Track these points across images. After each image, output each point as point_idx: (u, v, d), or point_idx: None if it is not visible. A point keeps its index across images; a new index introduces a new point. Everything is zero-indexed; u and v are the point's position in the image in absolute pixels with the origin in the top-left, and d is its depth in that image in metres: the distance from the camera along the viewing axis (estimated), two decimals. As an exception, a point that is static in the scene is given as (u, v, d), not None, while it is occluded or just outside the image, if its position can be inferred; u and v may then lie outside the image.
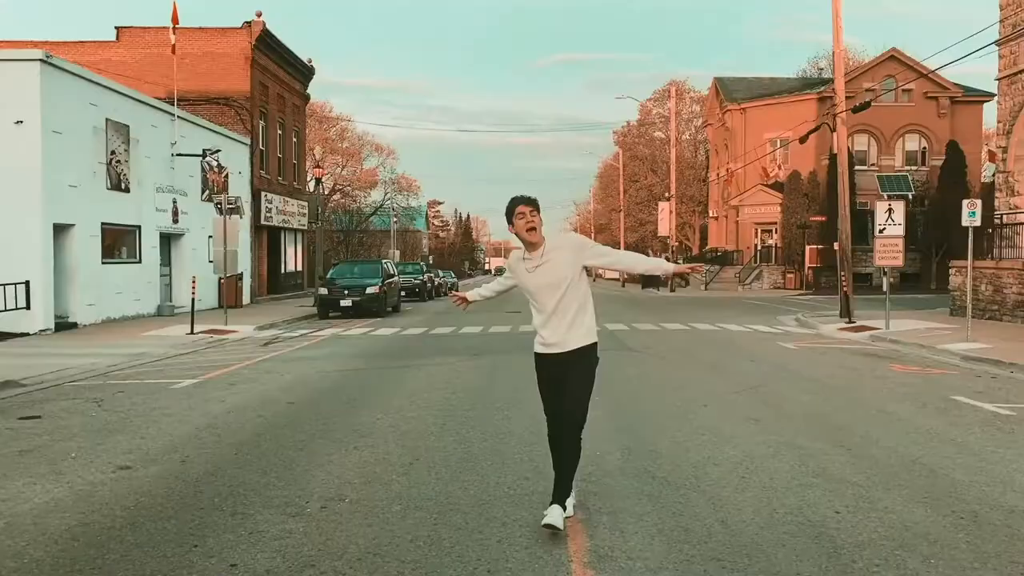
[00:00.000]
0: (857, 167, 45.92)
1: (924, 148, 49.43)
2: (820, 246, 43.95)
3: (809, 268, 45.60)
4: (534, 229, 4.66)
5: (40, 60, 18.33)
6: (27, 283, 18.18)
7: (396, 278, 29.26)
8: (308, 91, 41.57)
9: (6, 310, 17.61)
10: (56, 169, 18.91)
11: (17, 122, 18.15)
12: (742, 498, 5.28)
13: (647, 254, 73.92)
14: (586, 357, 4.70)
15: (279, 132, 36.56)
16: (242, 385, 10.63)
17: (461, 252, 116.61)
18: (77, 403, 9.44)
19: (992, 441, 7.01)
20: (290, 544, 4.50)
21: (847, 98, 43.71)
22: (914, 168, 48.83)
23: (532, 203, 4.73)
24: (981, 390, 9.98)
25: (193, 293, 19.07)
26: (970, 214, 15.29)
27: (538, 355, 4.83)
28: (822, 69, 59.97)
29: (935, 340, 15.70)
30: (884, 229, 18.32)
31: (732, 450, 6.62)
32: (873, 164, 48.76)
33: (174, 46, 25.45)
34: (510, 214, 4.73)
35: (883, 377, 11.16)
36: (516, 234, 4.74)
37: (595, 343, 4.75)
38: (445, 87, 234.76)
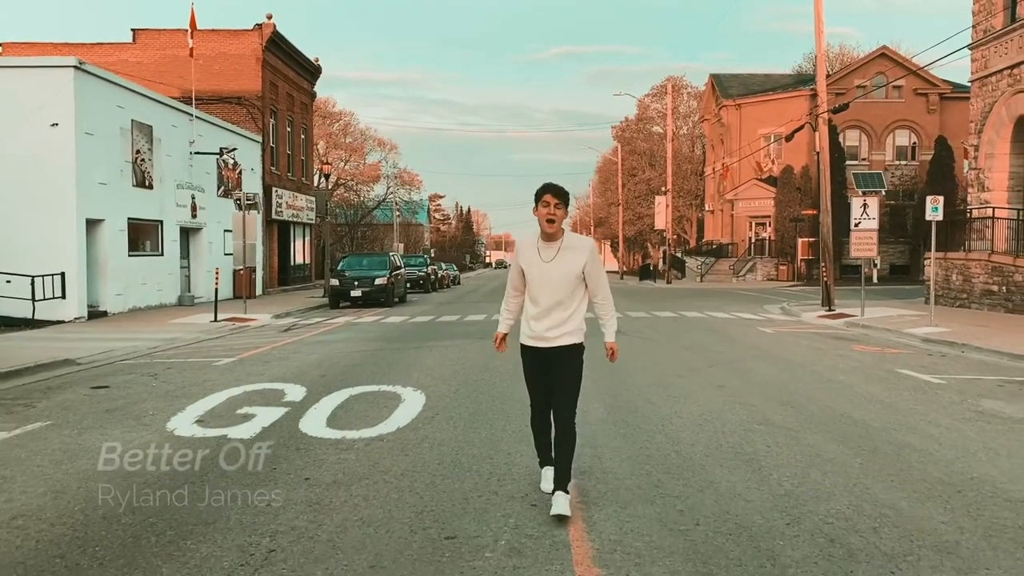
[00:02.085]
0: (848, 161, 47.34)
1: (914, 143, 50.78)
2: (812, 239, 45.29)
3: (801, 260, 47.01)
4: (553, 221, 4.72)
5: (74, 67, 19.69)
6: (63, 274, 19.57)
7: (403, 270, 30.68)
8: (315, 89, 42.89)
9: (44, 299, 19.00)
10: (88, 168, 20.29)
11: (53, 124, 19.51)
12: (696, 437, 6.70)
13: (646, 248, 75.35)
14: (579, 353, 4.87)
15: (288, 130, 37.91)
16: (275, 363, 12.04)
17: (462, 245, 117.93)
18: (135, 377, 10.84)
19: (913, 401, 8.42)
20: (346, 466, 5.91)
21: (838, 94, 45.20)
22: (904, 163, 50.23)
23: (560, 195, 4.76)
24: (925, 365, 11.39)
25: (216, 284, 20.46)
26: (932, 209, 16.66)
27: (528, 347, 4.89)
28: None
29: (902, 325, 17.09)
30: (859, 223, 19.64)
31: (696, 407, 8.04)
32: (864, 159, 50.11)
33: (192, 49, 26.78)
34: (537, 198, 4.78)
35: (843, 356, 12.57)
36: (537, 219, 4.81)
37: (583, 342, 4.92)
38: (444, 80, 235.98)
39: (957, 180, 44.41)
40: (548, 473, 5.11)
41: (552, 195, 4.72)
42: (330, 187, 57.69)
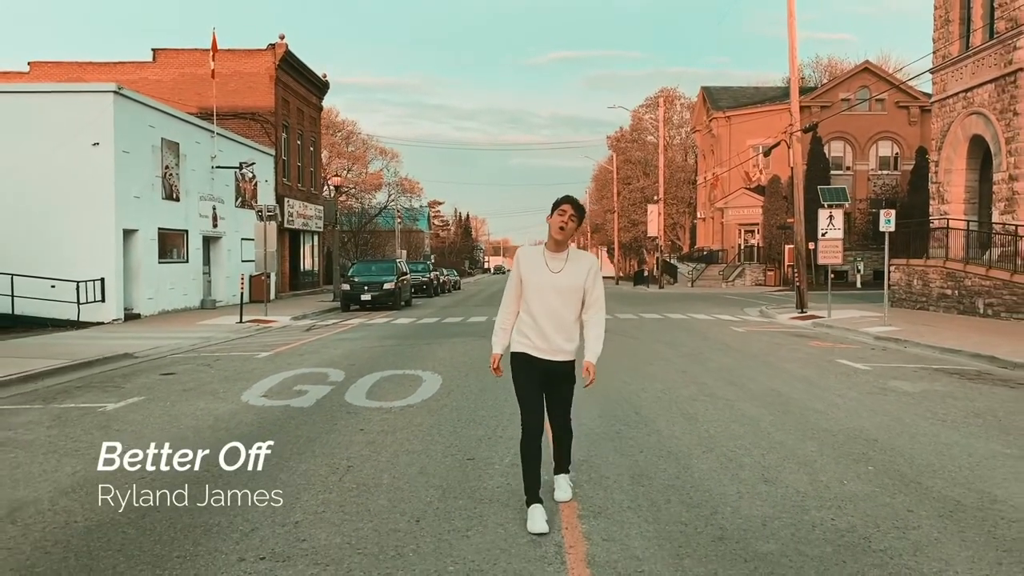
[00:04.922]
0: (833, 171, 49.56)
1: (896, 154, 52.98)
2: (797, 246, 47.40)
3: (788, 266, 48.92)
4: (563, 229, 4.79)
5: (114, 92, 21.73)
6: (102, 280, 21.58)
7: (408, 275, 32.71)
8: (322, 103, 44.97)
9: (87, 302, 21.01)
10: (125, 183, 22.31)
11: (95, 143, 21.54)
12: (653, 405, 8.71)
13: (641, 253, 77.37)
14: (573, 368, 5.00)
15: (298, 143, 39.97)
16: (308, 355, 14.03)
17: (461, 251, 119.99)
18: (192, 367, 12.81)
19: (835, 381, 10.42)
20: (389, 422, 7.91)
21: (824, 107, 47.16)
22: (886, 172, 52.43)
23: (577, 209, 4.85)
24: (864, 356, 13.39)
25: (242, 289, 22.47)
26: (886, 221, 18.67)
27: (524, 356, 4.91)
28: (803, 78, 63.35)
29: (861, 325, 19.10)
30: (826, 233, 21.69)
31: (659, 385, 10.05)
32: (848, 168, 52.32)
33: (213, 71, 28.82)
34: (555, 207, 4.86)
35: (796, 349, 14.58)
36: (549, 226, 4.88)
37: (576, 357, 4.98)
38: (442, 85, 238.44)
39: (936, 189, 46.66)
40: (536, 511, 4.86)
41: (570, 206, 4.83)
42: (335, 196, 59.63)
